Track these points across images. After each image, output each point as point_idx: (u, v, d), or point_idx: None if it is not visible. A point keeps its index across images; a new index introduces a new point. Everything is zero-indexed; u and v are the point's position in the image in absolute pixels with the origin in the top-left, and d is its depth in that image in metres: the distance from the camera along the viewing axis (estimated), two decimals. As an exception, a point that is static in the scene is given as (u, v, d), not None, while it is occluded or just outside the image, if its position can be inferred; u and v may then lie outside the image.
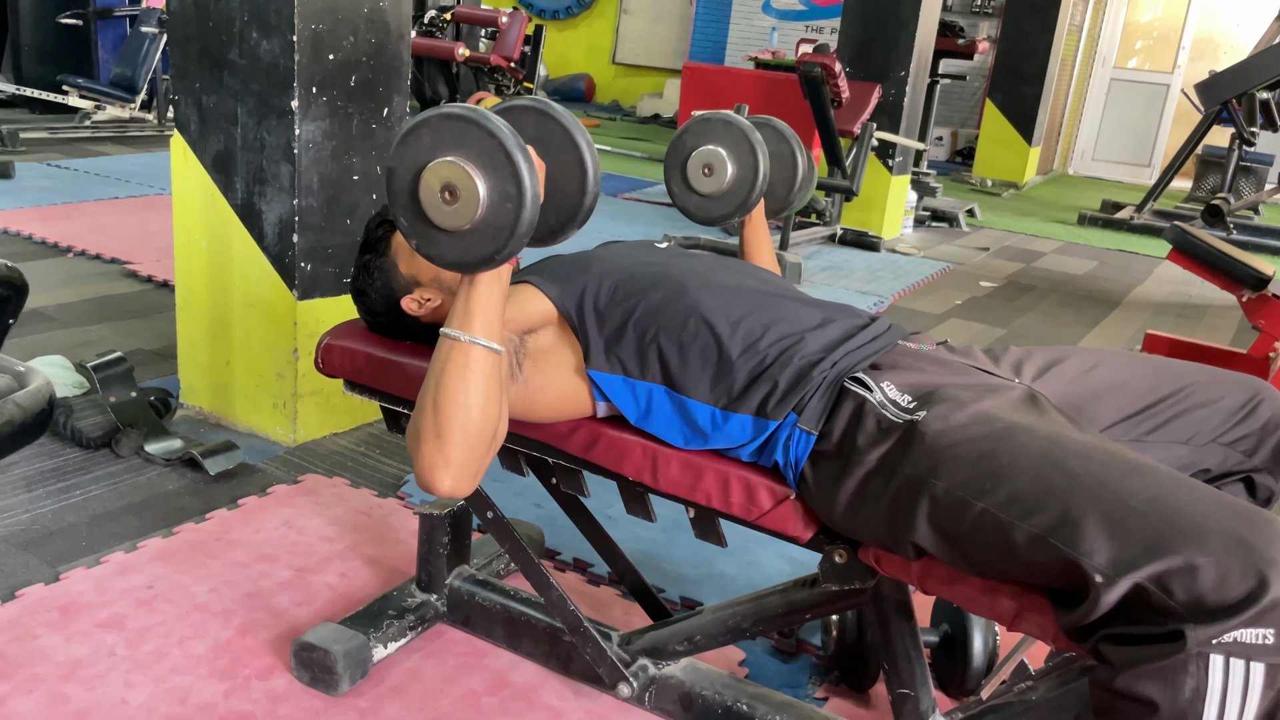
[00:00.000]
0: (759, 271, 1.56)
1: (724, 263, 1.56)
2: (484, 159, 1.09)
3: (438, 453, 1.18)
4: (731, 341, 1.33)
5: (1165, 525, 0.97)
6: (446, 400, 1.18)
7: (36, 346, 2.90)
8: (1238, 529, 0.95)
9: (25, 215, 4.39)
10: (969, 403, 1.19)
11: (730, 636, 1.51)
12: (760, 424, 1.30)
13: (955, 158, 9.97)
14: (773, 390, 1.30)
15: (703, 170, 1.75)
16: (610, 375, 1.37)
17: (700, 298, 1.38)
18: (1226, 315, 4.80)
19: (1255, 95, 5.75)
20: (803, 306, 1.44)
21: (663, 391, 1.36)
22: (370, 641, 1.67)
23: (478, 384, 1.19)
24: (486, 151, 1.09)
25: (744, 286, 1.44)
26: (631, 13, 11.61)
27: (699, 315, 1.36)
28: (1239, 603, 0.91)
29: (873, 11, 5.48)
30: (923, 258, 5.47)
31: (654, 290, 1.40)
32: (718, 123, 1.75)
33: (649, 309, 1.38)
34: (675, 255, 1.54)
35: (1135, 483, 1.02)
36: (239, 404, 2.57)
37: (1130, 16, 10.02)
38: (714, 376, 1.33)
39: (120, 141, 6.39)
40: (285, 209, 2.35)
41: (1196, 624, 0.91)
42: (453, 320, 1.20)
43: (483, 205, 1.10)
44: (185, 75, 2.43)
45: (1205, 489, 1.03)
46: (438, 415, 1.18)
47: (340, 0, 2.30)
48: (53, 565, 1.91)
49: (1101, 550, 0.98)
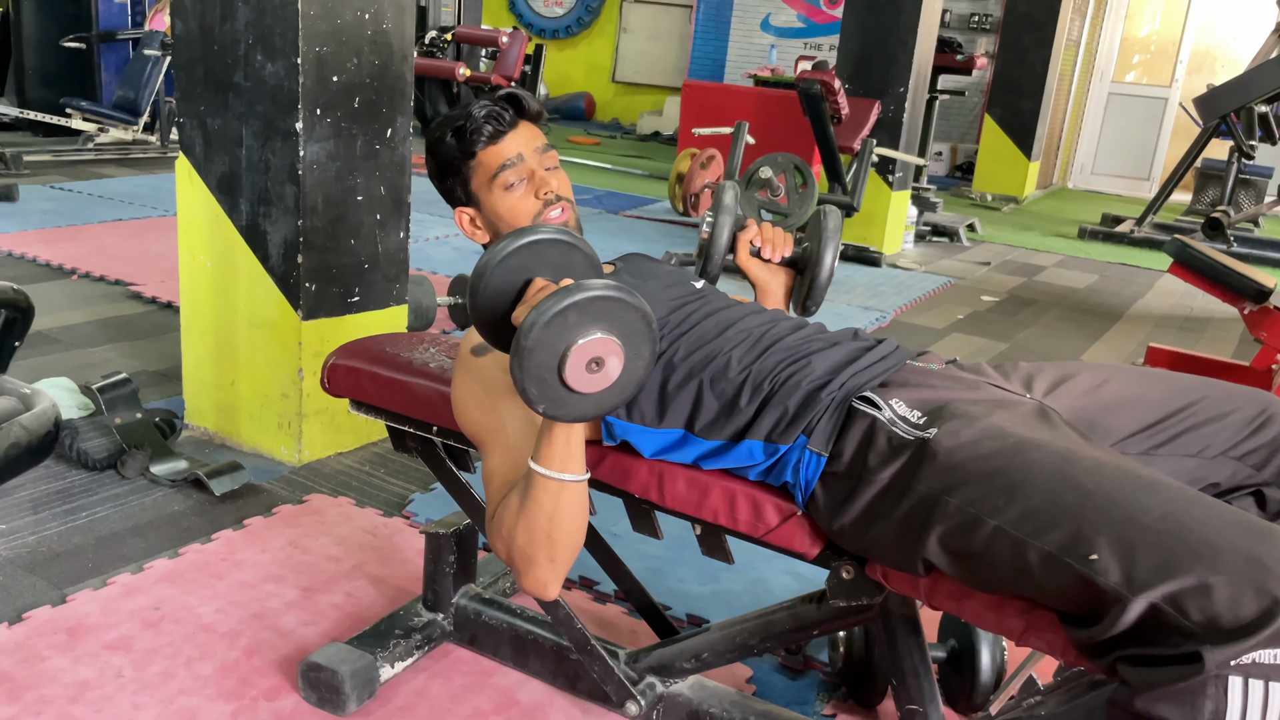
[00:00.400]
0: (771, 312, 1.54)
1: (745, 308, 1.54)
2: (628, 330, 1.19)
3: (551, 572, 1.30)
4: (745, 380, 1.34)
5: (1178, 544, 0.97)
6: (560, 532, 1.27)
7: (42, 369, 2.90)
8: (1251, 547, 0.95)
9: (29, 238, 4.40)
10: (980, 418, 1.19)
11: (737, 653, 1.51)
12: (770, 448, 1.30)
13: (955, 173, 9.99)
14: (782, 416, 1.30)
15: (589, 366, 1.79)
16: (627, 424, 1.39)
17: (720, 344, 1.39)
18: (1229, 328, 4.80)
19: (1254, 109, 5.77)
20: (809, 333, 1.44)
21: (679, 434, 1.37)
22: (377, 661, 1.66)
23: (583, 513, 1.30)
24: (630, 324, 1.19)
25: (754, 323, 1.44)
26: (631, 31, 11.68)
27: (719, 360, 1.37)
28: (1254, 622, 0.90)
29: (871, 28, 5.51)
30: (924, 273, 5.48)
31: (678, 340, 1.41)
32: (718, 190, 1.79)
33: (670, 359, 1.39)
34: (700, 300, 1.52)
35: (1148, 500, 1.02)
36: (244, 424, 2.57)
37: (1128, 31, 10.07)
38: (728, 417, 1.34)
39: (123, 164, 6.42)
40: (290, 229, 2.36)
41: (1213, 645, 0.91)
42: (552, 460, 1.25)
43: (623, 369, 1.20)
44: (191, 98, 2.44)
45: (1218, 506, 1.03)
46: (553, 545, 1.28)
47: (344, 23, 2.32)
48: (59, 587, 1.91)
49: (1115, 569, 0.98)
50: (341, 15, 2.31)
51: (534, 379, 1.16)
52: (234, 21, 2.32)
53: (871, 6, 5.49)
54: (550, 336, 1.15)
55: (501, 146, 1.49)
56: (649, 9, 11.53)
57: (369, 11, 2.37)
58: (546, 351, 1.15)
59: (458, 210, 1.54)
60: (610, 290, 1.16)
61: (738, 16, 10.83)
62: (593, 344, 1.16)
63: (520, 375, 1.15)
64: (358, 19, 2.35)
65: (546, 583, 1.30)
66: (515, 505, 1.28)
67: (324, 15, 2.28)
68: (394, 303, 2.62)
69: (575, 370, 1.16)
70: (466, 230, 1.54)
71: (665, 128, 10.71)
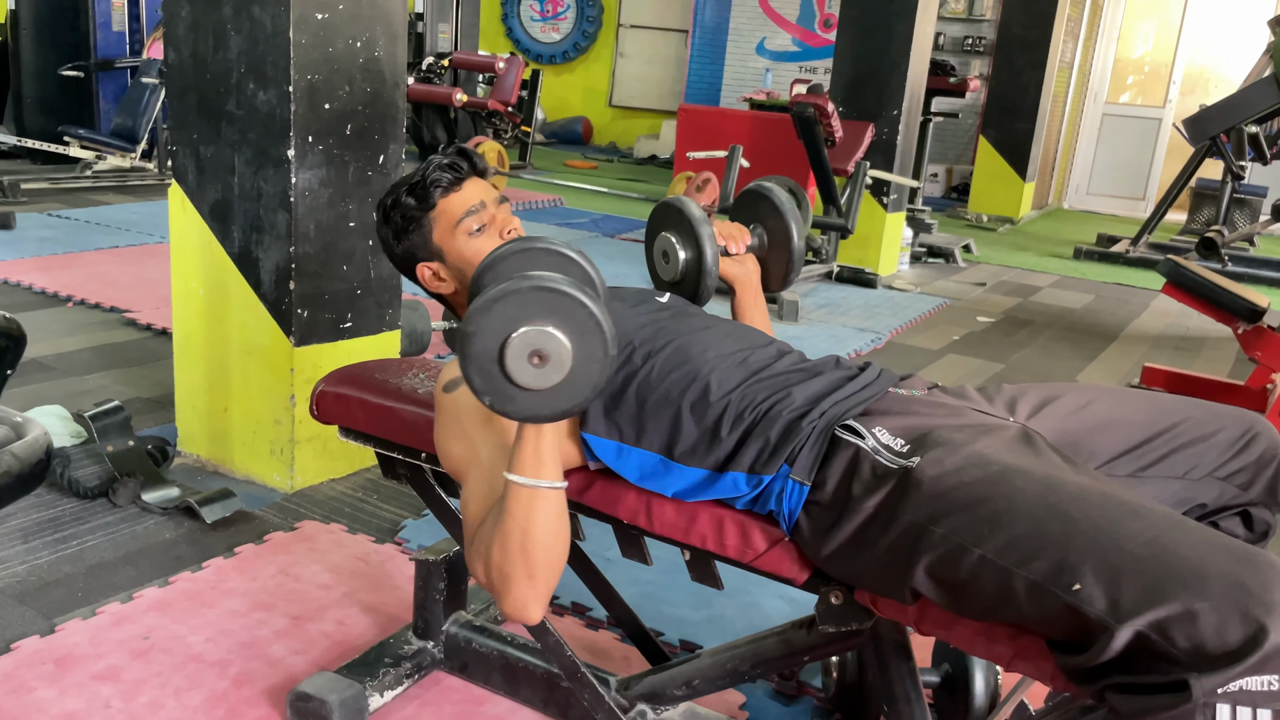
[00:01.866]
0: (759, 337, 1.53)
1: (715, 322, 1.54)
2: (575, 326, 1.15)
3: (531, 591, 1.25)
4: (730, 411, 1.33)
5: (1163, 570, 0.97)
6: (535, 544, 1.23)
7: (35, 396, 2.90)
8: (1236, 572, 0.94)
9: (25, 265, 4.41)
10: (963, 445, 1.19)
11: (729, 680, 1.50)
12: (754, 479, 1.29)
13: (951, 194, 10.03)
14: (764, 447, 1.29)
15: (662, 258, 1.75)
16: (605, 440, 1.37)
17: (699, 366, 1.37)
18: (1224, 347, 4.80)
19: (1243, 129, 5.79)
20: (792, 362, 1.44)
21: (657, 460, 1.35)
22: (366, 690, 1.65)
23: (560, 524, 1.25)
24: (578, 321, 1.15)
25: (734, 349, 1.44)
26: (628, 56, 11.75)
27: (697, 384, 1.35)
28: (1240, 649, 0.90)
29: (864, 52, 5.54)
30: (919, 293, 5.49)
31: (656, 358, 1.39)
32: (674, 211, 1.75)
33: (651, 377, 1.38)
34: (676, 318, 1.52)
35: (1132, 526, 1.02)
36: (236, 451, 2.57)
37: (1121, 52, 10.14)
38: (708, 446, 1.33)
39: (121, 191, 6.44)
40: (282, 256, 2.37)
41: (1201, 673, 0.91)
42: (524, 467, 1.23)
43: (572, 367, 1.16)
44: (183, 126, 2.45)
45: (1203, 530, 1.03)
46: (528, 558, 1.23)
47: (336, 51, 2.34)
48: (49, 617, 1.90)
49: (1100, 597, 0.98)
50: (333, 44, 2.33)
51: (476, 368, 1.15)
52: (226, 51, 2.33)
53: (864, 30, 5.53)
54: (490, 323, 1.13)
55: (463, 193, 1.52)
56: (645, 34, 11.62)
57: (361, 40, 2.38)
58: (487, 338, 1.14)
59: (419, 266, 1.54)
60: (554, 283, 1.14)
61: (733, 41, 10.91)
62: (533, 335, 1.13)
63: (464, 363, 1.15)
64: (349, 47, 2.36)
65: (526, 603, 1.25)
66: (490, 522, 1.26)
67: (316, 44, 2.29)
68: (386, 328, 2.62)
69: (517, 361, 1.14)
70: (430, 284, 1.55)
71: (662, 151, 10.76)
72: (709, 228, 1.67)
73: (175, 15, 2.40)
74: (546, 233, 6.50)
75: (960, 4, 9.86)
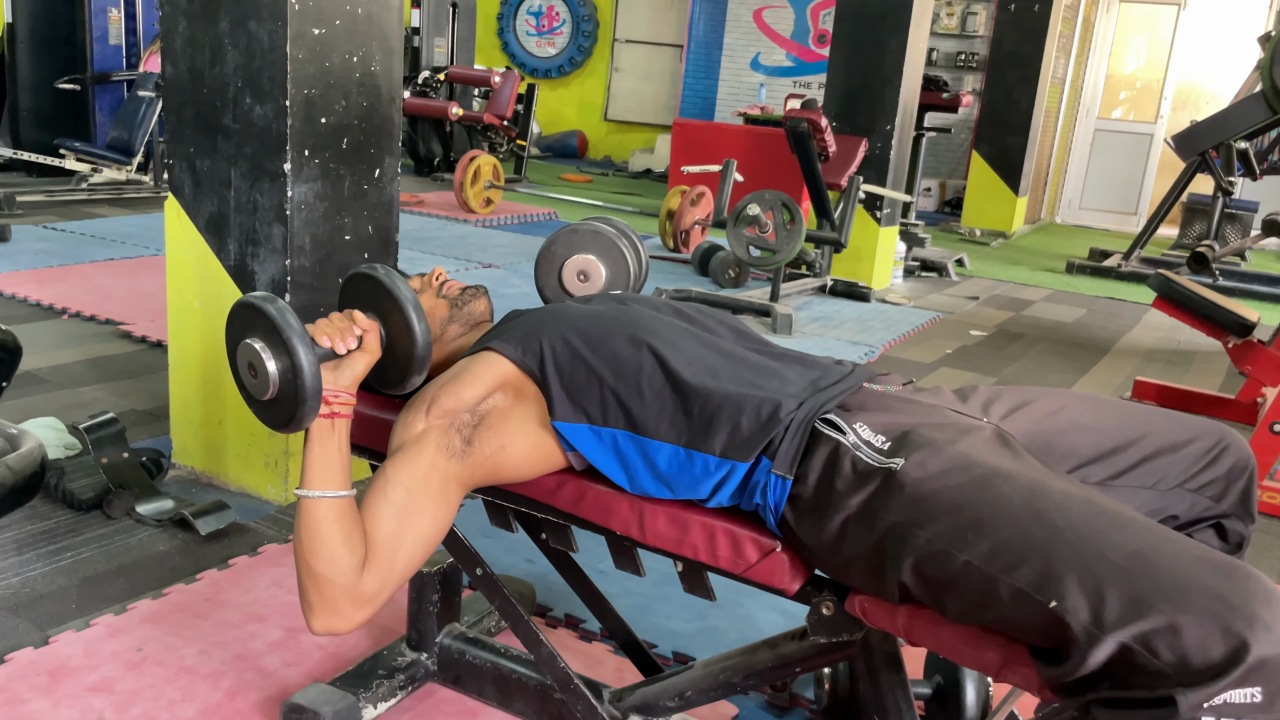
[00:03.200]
0: (721, 317, 1.56)
1: (683, 309, 1.56)
2: (271, 339, 1.26)
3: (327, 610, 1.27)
4: (688, 383, 1.34)
5: (1147, 582, 0.97)
6: (313, 559, 1.27)
7: (30, 409, 2.90)
8: (1218, 586, 0.95)
9: (21, 278, 4.42)
10: (945, 446, 1.19)
11: (721, 691, 1.51)
12: (725, 464, 1.29)
13: (944, 208, 10.08)
14: (735, 430, 1.30)
15: (578, 277, 1.81)
16: (575, 425, 1.38)
17: (658, 344, 1.39)
18: (1215, 361, 4.83)
19: (1232, 145, 5.83)
20: (763, 350, 1.46)
21: (626, 436, 1.36)
22: (360, 702, 1.66)
23: (332, 531, 1.27)
24: (272, 333, 1.26)
25: (700, 332, 1.46)
26: (623, 70, 11.81)
27: (655, 359, 1.37)
28: (1222, 663, 0.91)
29: (858, 67, 5.58)
30: (913, 307, 5.52)
31: (612, 339, 1.41)
32: (587, 232, 1.81)
33: (607, 357, 1.39)
34: (634, 304, 1.54)
35: (1116, 536, 1.03)
36: (231, 463, 2.57)
37: (1112, 68, 10.21)
38: (672, 416, 1.34)
39: (116, 203, 6.46)
40: (278, 269, 2.38)
41: (1185, 687, 0.91)
42: (301, 480, 1.30)
43: (274, 380, 1.26)
44: (180, 140, 2.47)
45: (1186, 543, 1.04)
46: (313, 578, 1.27)
47: (332, 66, 2.36)
48: (42, 629, 1.90)
49: (1084, 607, 0.98)
50: (330, 59, 2.35)
51: (235, 376, 1.36)
52: (223, 65, 2.35)
53: (858, 46, 5.57)
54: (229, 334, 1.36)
55: None
56: (640, 49, 11.68)
57: (357, 55, 2.40)
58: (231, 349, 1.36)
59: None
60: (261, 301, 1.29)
61: (728, 56, 10.98)
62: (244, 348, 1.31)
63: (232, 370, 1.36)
64: (346, 62, 2.38)
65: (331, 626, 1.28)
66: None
67: (312, 59, 2.31)
68: (382, 341, 2.63)
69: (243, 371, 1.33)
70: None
71: (657, 165, 10.81)
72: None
73: (173, 30, 2.41)
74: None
75: (953, 20, 9.93)
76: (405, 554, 1.30)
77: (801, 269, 5.73)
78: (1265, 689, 0.90)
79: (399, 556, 1.29)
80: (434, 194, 7.84)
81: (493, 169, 7.23)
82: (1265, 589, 0.95)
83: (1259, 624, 0.91)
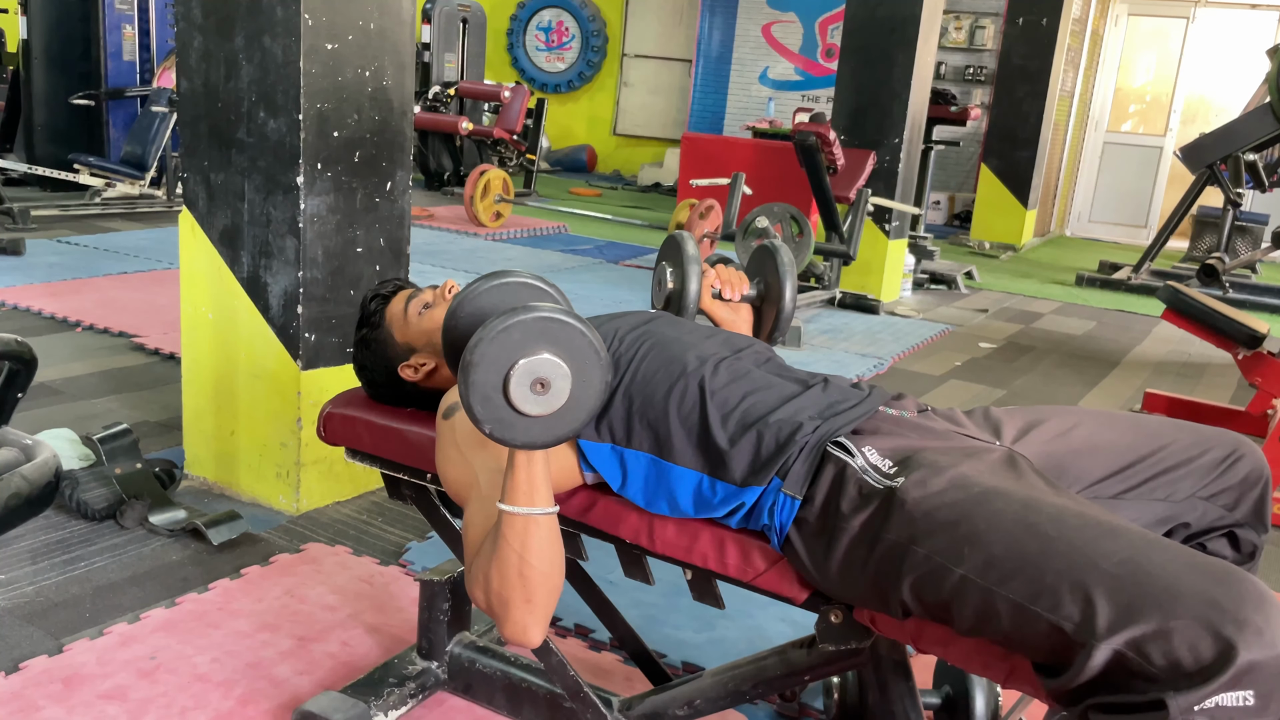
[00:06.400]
0: (743, 340, 1.57)
1: (710, 332, 1.58)
2: (575, 353, 1.19)
3: (530, 615, 1.27)
4: (716, 410, 1.36)
5: (1138, 589, 0.98)
6: (531, 570, 1.25)
7: (44, 420, 2.93)
8: (1208, 590, 0.96)
9: (35, 291, 4.46)
10: (947, 468, 1.21)
11: (730, 700, 1.51)
12: (747, 492, 1.31)
13: (953, 221, 10.08)
14: (756, 456, 1.32)
15: (657, 284, 1.91)
16: (599, 444, 1.40)
17: (687, 368, 1.40)
18: (1226, 373, 4.82)
19: (1240, 157, 5.83)
20: (786, 375, 1.46)
21: (649, 460, 1.38)
22: (371, 710, 1.67)
23: (555, 548, 1.27)
24: (578, 348, 1.19)
25: (729, 356, 1.47)
26: (632, 85, 11.86)
27: (685, 384, 1.38)
28: (1212, 666, 0.92)
29: (866, 81, 5.60)
30: (922, 320, 5.52)
31: (641, 360, 1.43)
32: (675, 244, 1.87)
33: (636, 379, 1.41)
34: (662, 324, 1.56)
35: (1108, 545, 1.04)
36: (243, 474, 2.59)
37: (1121, 82, 10.22)
38: (698, 443, 1.35)
39: (130, 218, 6.50)
40: (290, 281, 2.40)
41: (1177, 691, 0.92)
42: (517, 496, 1.25)
43: (571, 394, 1.19)
44: (194, 153, 2.50)
45: (1178, 549, 1.04)
46: (526, 584, 1.25)
47: (345, 80, 2.38)
48: (56, 637, 1.92)
49: (1077, 616, 0.99)
50: (342, 73, 2.37)
51: (479, 397, 1.17)
52: (238, 80, 2.38)
53: (866, 60, 5.59)
54: (494, 353, 1.16)
55: (399, 295, 1.70)
56: (649, 63, 11.74)
57: (369, 69, 2.43)
58: (490, 369, 1.16)
59: (401, 369, 1.65)
60: (557, 313, 1.18)
61: (736, 70, 11.02)
62: (536, 363, 1.16)
63: (466, 392, 1.17)
64: (358, 76, 2.41)
65: (526, 627, 1.27)
66: (488, 550, 1.28)
67: (325, 73, 2.34)
68: (393, 352, 2.64)
69: (520, 390, 1.17)
70: (419, 377, 1.65)
71: (666, 179, 10.84)
72: (698, 265, 1.80)
73: (188, 45, 2.44)
74: (552, 260, 6.52)
75: (961, 34, 9.96)
76: None
77: (810, 281, 5.74)
78: (1257, 692, 0.91)
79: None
80: (444, 208, 7.89)
81: (502, 183, 7.27)
82: (1257, 593, 0.96)
83: (1249, 628, 0.92)
